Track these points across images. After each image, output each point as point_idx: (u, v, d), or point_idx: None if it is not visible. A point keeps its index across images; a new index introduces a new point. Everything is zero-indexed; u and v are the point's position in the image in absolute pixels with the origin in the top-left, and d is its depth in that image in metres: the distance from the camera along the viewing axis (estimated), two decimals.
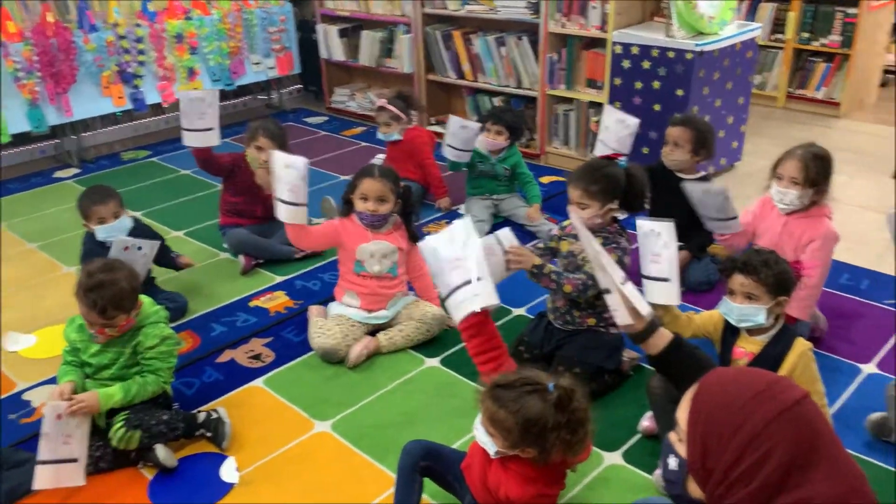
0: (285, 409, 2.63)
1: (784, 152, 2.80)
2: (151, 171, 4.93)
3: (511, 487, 1.84)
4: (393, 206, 2.92)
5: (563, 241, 2.73)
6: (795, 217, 2.79)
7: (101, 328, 2.31)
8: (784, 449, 1.11)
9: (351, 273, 2.96)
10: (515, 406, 1.73)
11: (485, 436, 1.83)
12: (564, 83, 4.65)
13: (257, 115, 6.09)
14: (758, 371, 1.26)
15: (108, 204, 3.00)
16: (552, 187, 4.47)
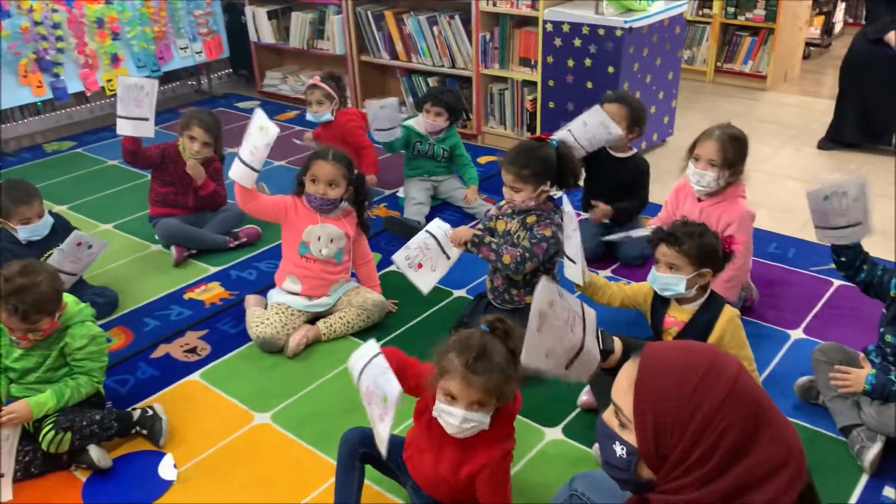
0: (224, 402, 2.58)
1: (700, 133, 2.83)
2: (77, 162, 4.75)
3: (480, 457, 1.86)
4: (343, 191, 2.88)
5: (499, 220, 2.74)
6: (710, 203, 2.82)
7: (23, 334, 2.22)
8: (737, 425, 1.14)
9: (294, 254, 2.91)
10: (494, 361, 1.78)
11: (470, 419, 1.79)
12: (498, 62, 4.65)
13: (187, 101, 5.92)
14: (691, 347, 1.26)
15: (33, 204, 2.89)
16: (489, 167, 4.47)
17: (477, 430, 1.84)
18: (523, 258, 2.56)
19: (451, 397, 1.81)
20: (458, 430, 1.83)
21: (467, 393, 1.79)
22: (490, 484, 1.88)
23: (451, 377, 1.80)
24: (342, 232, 2.92)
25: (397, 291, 3.13)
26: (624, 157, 3.32)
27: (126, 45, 5.14)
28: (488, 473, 1.87)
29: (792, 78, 6.11)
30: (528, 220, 2.64)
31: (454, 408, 1.80)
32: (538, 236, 2.58)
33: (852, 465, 2.23)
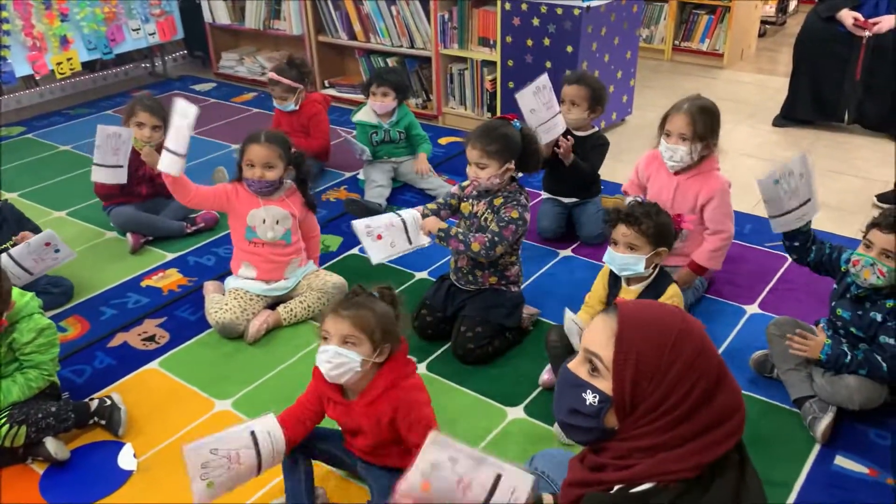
0: (184, 390, 2.55)
1: (671, 107, 2.82)
2: (27, 148, 4.62)
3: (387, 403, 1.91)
4: (282, 171, 2.84)
5: (463, 202, 2.73)
6: (686, 176, 2.81)
7: None
8: (706, 376, 1.25)
9: (242, 240, 2.88)
10: (372, 305, 1.91)
11: (342, 354, 1.87)
12: (457, 42, 4.62)
13: (140, 84, 5.80)
14: (662, 305, 1.38)
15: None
16: (450, 148, 4.46)
17: (350, 371, 1.89)
18: (492, 242, 2.56)
19: (325, 338, 1.91)
20: (332, 368, 1.89)
21: (336, 328, 1.89)
22: (405, 417, 1.92)
23: (324, 317, 1.94)
24: (287, 212, 2.88)
25: (358, 274, 3.12)
26: (585, 135, 3.33)
27: (76, 26, 4.99)
28: (403, 412, 1.91)
29: (748, 56, 6.19)
30: (495, 201, 2.63)
31: (327, 345, 1.89)
32: (506, 219, 2.57)
33: (805, 435, 2.29)
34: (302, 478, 1.99)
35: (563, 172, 3.31)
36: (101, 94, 5.62)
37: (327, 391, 1.98)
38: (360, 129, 3.91)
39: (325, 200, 3.86)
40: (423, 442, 1.90)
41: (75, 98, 5.55)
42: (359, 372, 1.90)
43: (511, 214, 2.58)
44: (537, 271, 3.18)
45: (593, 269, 3.12)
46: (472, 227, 2.67)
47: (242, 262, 2.91)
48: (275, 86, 3.93)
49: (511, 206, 2.59)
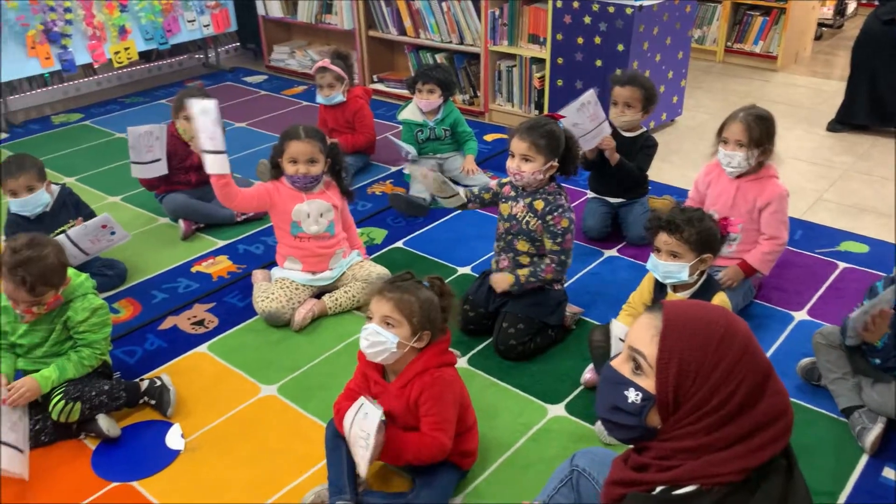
0: (231, 374, 2.61)
1: (727, 116, 2.84)
2: (84, 134, 4.76)
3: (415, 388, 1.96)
4: (324, 165, 2.88)
5: (502, 202, 2.72)
6: (747, 180, 2.83)
7: (27, 307, 2.24)
8: (751, 377, 1.23)
9: (288, 236, 2.92)
10: (416, 291, 1.98)
11: (380, 333, 1.94)
12: (507, 39, 4.62)
13: (194, 75, 5.91)
14: (707, 305, 1.36)
15: (19, 178, 2.87)
16: (496, 145, 4.46)
17: (385, 351, 1.96)
18: (560, 262, 2.61)
19: (369, 318, 1.99)
20: (369, 346, 1.96)
21: (378, 308, 1.97)
22: (426, 402, 1.96)
23: (370, 297, 2.02)
24: (329, 204, 2.92)
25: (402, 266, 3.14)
26: (634, 135, 3.30)
27: (134, 17, 5.12)
28: (425, 395, 1.96)
29: (803, 59, 6.06)
30: (535, 204, 2.61)
31: (368, 324, 1.97)
32: (559, 231, 2.57)
33: (853, 445, 2.24)
34: (344, 464, 2.02)
35: (609, 172, 3.29)
36: (155, 83, 5.76)
37: (370, 371, 2.04)
38: (406, 128, 3.94)
39: (370, 194, 3.89)
40: (428, 435, 1.95)
41: (131, 87, 5.69)
42: (395, 353, 1.95)
43: (562, 224, 2.57)
44: (581, 270, 3.17)
45: (638, 271, 3.11)
46: (513, 229, 2.66)
47: (287, 258, 2.96)
48: (324, 73, 3.96)
49: (558, 214, 2.57)
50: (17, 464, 2.12)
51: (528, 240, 2.64)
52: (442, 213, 3.68)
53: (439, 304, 2.01)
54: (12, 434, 2.15)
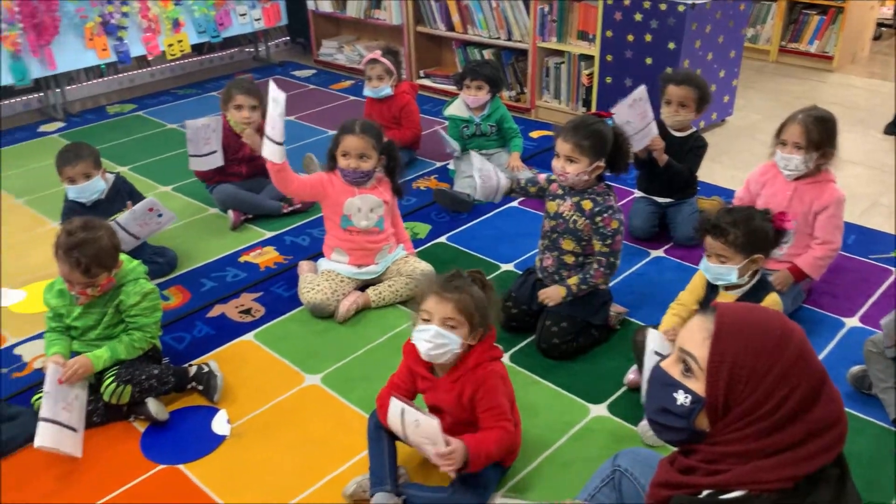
0: (276, 362, 2.65)
1: (787, 117, 2.78)
2: (137, 124, 4.87)
3: (469, 386, 1.98)
4: (376, 162, 2.90)
5: (548, 200, 2.70)
6: (804, 183, 2.77)
7: (82, 289, 2.30)
8: (805, 383, 1.22)
9: (338, 228, 2.95)
10: (470, 289, 1.98)
11: (443, 335, 1.93)
12: (556, 35, 4.59)
13: (244, 68, 6.00)
14: (762, 308, 1.34)
15: (77, 165, 2.94)
16: (542, 142, 4.44)
17: (448, 352, 1.96)
18: (609, 264, 2.58)
19: (426, 319, 1.97)
20: (430, 348, 1.95)
21: (439, 308, 1.95)
22: (483, 397, 1.97)
23: (426, 298, 1.99)
24: (380, 200, 2.94)
25: (445, 262, 3.16)
26: (684, 135, 3.26)
27: (187, 10, 5.22)
28: (481, 391, 1.98)
29: (860, 59, 5.90)
30: (583, 204, 2.58)
31: (428, 325, 1.95)
32: (608, 233, 2.54)
33: None
34: (386, 456, 2.05)
35: (658, 172, 3.25)
36: (206, 75, 5.86)
37: (417, 367, 2.05)
38: (452, 124, 3.94)
39: (415, 189, 3.91)
40: (496, 427, 1.94)
41: (183, 79, 5.80)
42: (456, 353, 1.97)
43: (612, 226, 2.54)
44: (627, 270, 3.14)
45: (685, 272, 3.07)
46: (559, 227, 2.63)
47: (335, 249, 2.99)
48: (374, 64, 3.98)
49: (608, 215, 2.54)
50: (69, 443, 2.18)
51: (575, 239, 2.62)
52: (486, 209, 3.68)
53: (482, 300, 2.01)
54: (66, 413, 2.21)
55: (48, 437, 2.13)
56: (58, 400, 2.20)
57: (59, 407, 2.20)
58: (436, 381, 2.03)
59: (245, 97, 3.49)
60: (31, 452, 2.24)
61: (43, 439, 2.12)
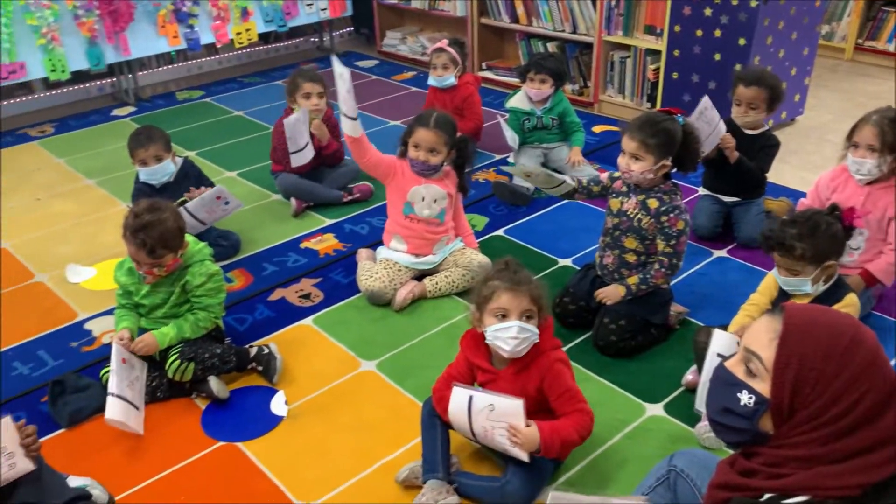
0: (333, 347, 2.69)
1: (859, 119, 2.68)
2: (205, 111, 4.99)
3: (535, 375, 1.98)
4: (445, 157, 2.90)
5: (611, 197, 2.67)
6: (878, 187, 2.66)
7: (149, 268, 2.37)
8: (875, 390, 1.19)
9: (399, 215, 2.97)
10: (532, 277, 1.99)
11: (526, 329, 1.93)
12: (622, 29, 4.52)
13: (308, 58, 6.09)
14: (833, 311, 1.30)
15: (149, 148, 3.04)
16: (604, 137, 4.39)
17: (530, 343, 1.96)
18: (672, 265, 2.53)
19: (502, 315, 1.95)
20: (516, 344, 1.94)
21: (516, 302, 1.93)
22: (552, 383, 1.97)
23: (498, 295, 1.95)
24: (444, 192, 2.95)
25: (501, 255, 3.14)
26: (755, 134, 3.18)
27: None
28: (549, 378, 1.98)
29: None
30: (649, 202, 2.53)
31: (508, 321, 1.93)
32: (673, 233, 2.49)
33: None
34: (438, 444, 2.06)
35: (726, 171, 3.17)
36: (272, 64, 5.96)
37: (476, 359, 2.05)
38: (513, 116, 3.92)
39: (473, 181, 3.91)
40: (574, 411, 1.93)
41: (249, 67, 5.92)
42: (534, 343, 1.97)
43: (677, 226, 2.49)
44: (688, 269, 3.08)
45: (749, 273, 3.01)
46: (622, 225, 2.59)
47: (395, 236, 3.01)
48: (440, 53, 3.99)
49: (674, 215, 2.49)
50: (134, 419, 2.26)
51: (638, 238, 2.57)
52: (544, 203, 3.65)
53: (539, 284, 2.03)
54: (130, 391, 2.30)
55: (117, 411, 2.21)
56: (122, 378, 2.29)
57: (124, 384, 2.28)
58: (497, 373, 2.03)
59: (312, 84, 3.53)
60: (99, 423, 2.33)
61: (113, 412, 2.20)
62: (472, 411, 1.94)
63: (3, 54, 4.36)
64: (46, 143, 4.54)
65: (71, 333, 2.80)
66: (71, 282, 3.12)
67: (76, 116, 4.95)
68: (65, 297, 3.02)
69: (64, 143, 4.53)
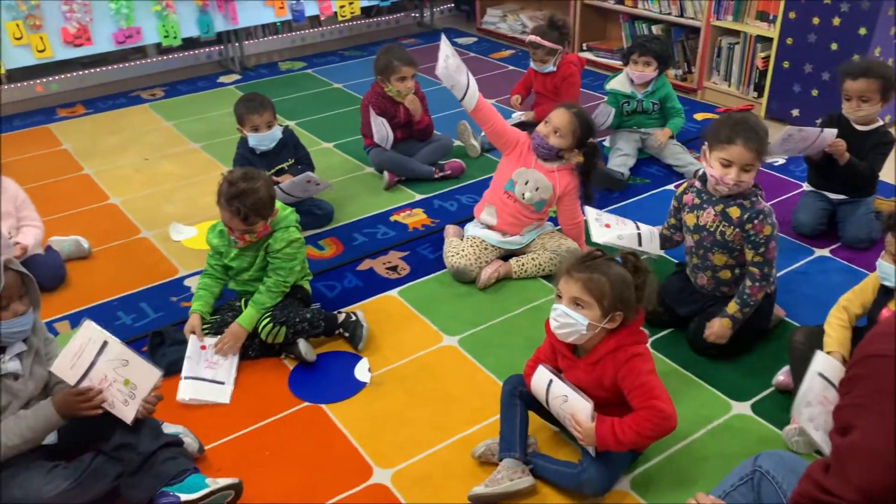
0: (417, 319, 2.73)
1: None
2: (306, 82, 5.10)
3: (609, 369, 1.95)
4: (566, 145, 2.85)
5: (688, 213, 2.51)
6: None
7: (241, 234, 2.46)
8: None
9: (500, 188, 2.96)
10: (607, 270, 1.91)
11: (569, 315, 1.92)
12: (732, 14, 4.34)
13: (407, 33, 6.12)
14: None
15: (263, 114, 3.14)
16: (706, 125, 4.24)
17: (574, 333, 1.93)
18: (765, 276, 2.37)
19: (557, 296, 1.97)
20: (558, 327, 1.95)
21: (567, 287, 1.94)
22: (626, 377, 1.93)
23: (560, 277, 1.97)
24: (550, 184, 2.90)
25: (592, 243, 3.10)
26: (867, 129, 3.00)
27: None
28: (623, 372, 1.93)
29: None
30: (730, 211, 2.38)
31: (558, 304, 1.95)
32: (761, 240, 2.35)
33: None
34: (517, 424, 2.07)
35: (834, 169, 3.01)
36: (371, 38, 6.03)
37: (558, 345, 2.04)
38: (611, 98, 3.85)
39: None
40: (644, 408, 1.90)
41: (349, 41, 6.01)
42: (584, 335, 1.93)
43: (764, 232, 2.35)
44: (787, 267, 2.96)
45: (852, 275, 2.87)
46: (705, 241, 2.45)
47: (487, 206, 3.01)
48: (536, 48, 3.96)
49: (759, 221, 2.34)
50: (214, 394, 2.39)
51: (726, 251, 2.43)
52: (639, 189, 3.58)
53: (633, 282, 1.95)
54: (209, 371, 2.43)
55: (190, 391, 2.37)
56: (199, 361, 2.44)
57: (200, 367, 2.43)
58: (576, 362, 2.02)
59: (409, 68, 3.55)
60: None
61: (184, 393, 2.37)
62: (550, 394, 1.98)
63: (121, 19, 4.58)
64: (156, 105, 4.75)
65: (171, 288, 2.94)
66: (173, 240, 3.27)
67: (185, 82, 5.15)
68: (167, 254, 3.17)
69: (172, 106, 4.73)
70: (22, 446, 1.88)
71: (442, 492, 2.04)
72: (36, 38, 4.38)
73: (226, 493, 1.95)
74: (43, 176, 3.84)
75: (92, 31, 4.53)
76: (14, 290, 1.92)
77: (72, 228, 3.29)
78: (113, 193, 3.67)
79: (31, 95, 4.91)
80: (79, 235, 3.17)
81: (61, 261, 3.02)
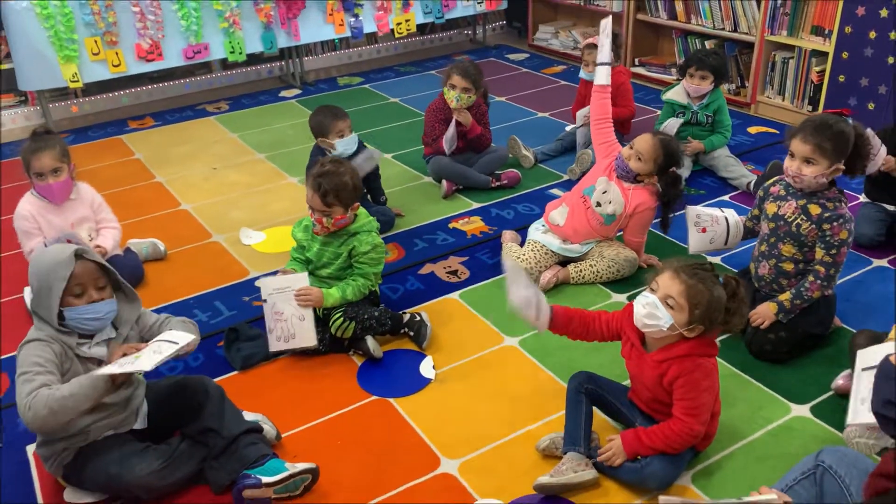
0: (478, 321, 2.83)
1: None
2: (364, 96, 5.27)
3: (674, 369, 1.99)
4: (645, 172, 2.92)
5: (769, 202, 2.58)
6: None
7: (319, 216, 2.60)
8: None
9: (580, 189, 3.07)
10: (712, 285, 1.95)
11: (658, 308, 1.96)
12: (786, 29, 4.38)
13: (460, 50, 6.27)
14: None
15: (346, 120, 3.34)
16: (760, 138, 4.28)
17: (656, 328, 1.98)
18: (828, 277, 2.43)
19: (653, 289, 2.01)
20: (644, 315, 1.99)
21: (667, 283, 1.97)
22: (682, 386, 1.99)
23: (663, 271, 2.01)
24: (623, 201, 2.97)
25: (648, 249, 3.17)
26: None
27: None
28: (682, 380, 1.99)
29: None
30: (810, 208, 2.44)
31: (651, 294, 1.99)
32: (835, 243, 2.41)
33: None
34: (582, 419, 2.14)
35: (890, 181, 3.03)
36: (426, 55, 6.19)
37: (630, 332, 2.11)
38: (667, 107, 3.92)
39: None
40: (676, 419, 1.98)
41: (405, 57, 6.17)
42: (663, 332, 1.99)
43: (840, 236, 2.40)
44: (845, 276, 2.98)
45: None
46: (779, 230, 2.51)
47: (562, 206, 3.10)
48: (592, 50, 4.03)
49: (838, 224, 2.40)
50: (292, 342, 2.56)
51: (796, 244, 2.49)
52: (694, 201, 3.62)
53: (726, 305, 1.97)
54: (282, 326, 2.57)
55: (275, 344, 2.56)
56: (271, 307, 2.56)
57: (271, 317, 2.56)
58: (643, 354, 2.08)
59: (460, 79, 3.65)
60: (267, 369, 2.60)
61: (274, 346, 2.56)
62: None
63: (191, 35, 4.81)
64: (222, 118, 4.96)
65: (243, 289, 3.09)
66: (243, 243, 3.43)
67: (247, 96, 5.36)
68: (238, 257, 3.32)
69: (237, 119, 4.93)
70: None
71: (507, 482, 2.12)
72: (112, 53, 4.63)
73: (304, 477, 2.06)
74: (118, 183, 4.05)
75: (163, 47, 4.77)
76: (88, 278, 1.97)
77: (147, 232, 3.47)
78: (184, 200, 3.86)
79: (102, 108, 5.17)
80: (155, 238, 3.35)
81: (139, 262, 3.19)
